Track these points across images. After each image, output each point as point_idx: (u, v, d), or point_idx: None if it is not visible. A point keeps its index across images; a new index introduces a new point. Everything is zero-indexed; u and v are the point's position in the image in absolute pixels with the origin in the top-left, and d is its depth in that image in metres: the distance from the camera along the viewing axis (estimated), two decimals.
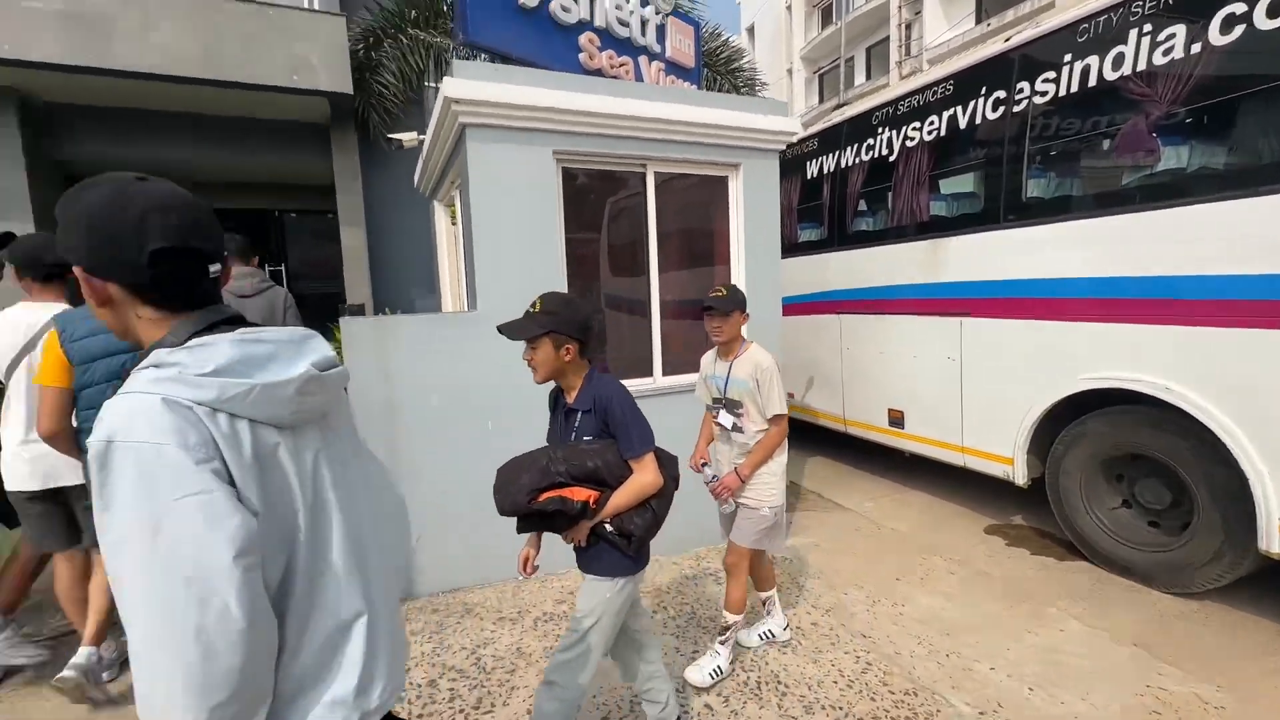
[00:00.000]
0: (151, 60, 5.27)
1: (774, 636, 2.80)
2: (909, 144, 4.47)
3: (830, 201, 5.33)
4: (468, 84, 3.00)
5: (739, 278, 3.85)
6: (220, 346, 0.85)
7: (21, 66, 5.09)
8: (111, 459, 0.75)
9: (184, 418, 0.78)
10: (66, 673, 2.35)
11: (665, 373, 3.75)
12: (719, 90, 8.58)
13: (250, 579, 0.78)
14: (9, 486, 2.43)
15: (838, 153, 5.23)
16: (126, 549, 0.75)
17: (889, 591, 3.27)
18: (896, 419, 4.68)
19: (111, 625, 2.48)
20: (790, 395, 5.74)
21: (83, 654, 2.41)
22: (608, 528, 1.76)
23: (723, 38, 9.18)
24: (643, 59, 4.46)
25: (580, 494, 1.72)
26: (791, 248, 5.60)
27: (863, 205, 5.05)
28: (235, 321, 0.95)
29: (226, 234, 3.14)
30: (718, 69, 8.65)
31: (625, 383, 3.59)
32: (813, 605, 3.13)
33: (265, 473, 0.85)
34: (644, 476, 1.76)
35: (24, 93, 5.58)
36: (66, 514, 2.51)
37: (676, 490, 1.87)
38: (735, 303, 2.47)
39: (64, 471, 2.39)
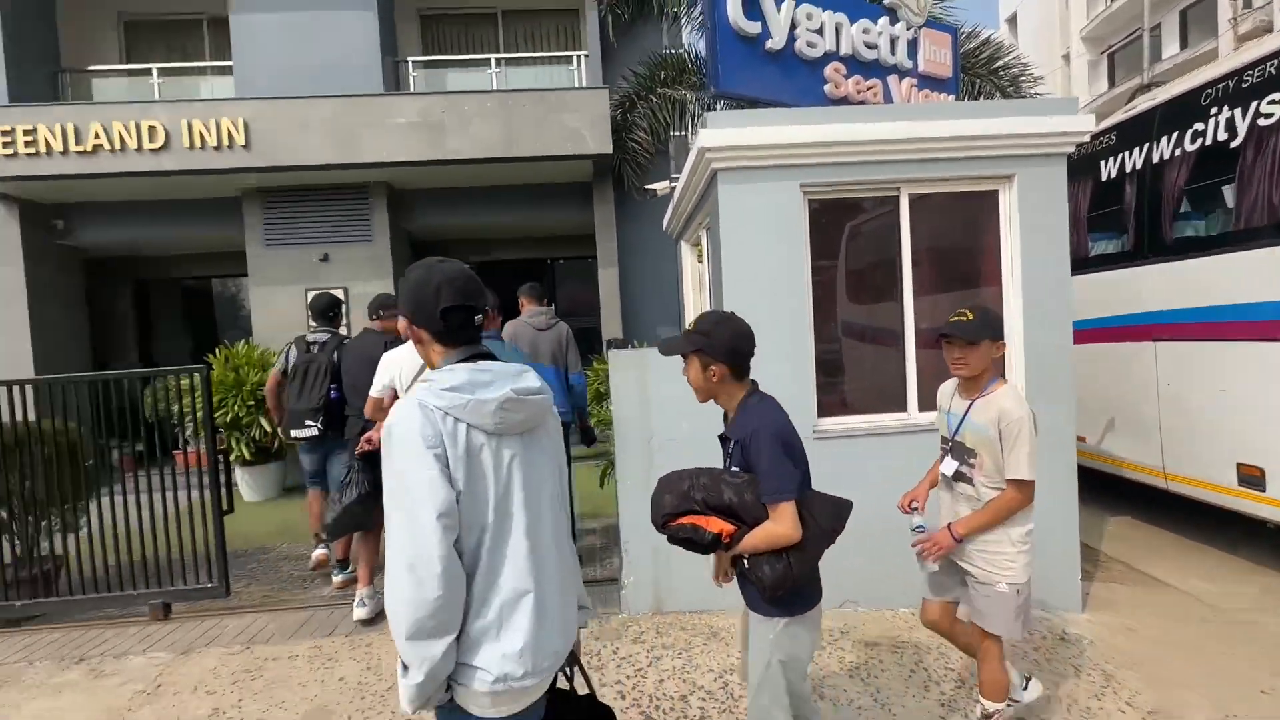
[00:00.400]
0: (470, 149, 6.72)
1: (1020, 700, 2.32)
2: (1264, 122, 3.49)
3: (1138, 204, 4.39)
4: (719, 133, 3.21)
5: (1013, 302, 3.38)
6: (459, 372, 1.22)
7: (391, 166, 6.91)
8: (389, 439, 1.16)
9: (427, 417, 1.15)
10: None
11: (921, 408, 3.45)
12: (981, 95, 7.74)
13: (446, 536, 1.11)
14: None
15: (1148, 145, 4.31)
16: (390, 501, 1.15)
17: (1249, 704, 2.49)
18: (1252, 477, 3.59)
19: None
20: (1081, 440, 4.79)
21: None
22: (745, 564, 1.66)
23: (981, 36, 8.29)
24: (892, 78, 4.28)
25: (714, 525, 1.64)
26: (1079, 263, 4.73)
27: (1188, 206, 4.06)
28: (485, 356, 1.31)
29: (529, 283, 3.80)
30: (977, 72, 7.82)
31: (874, 418, 3.48)
32: (1127, 702, 2.54)
33: (470, 463, 1.18)
34: (777, 527, 1.61)
35: (389, 184, 7.53)
36: None
37: (831, 544, 1.68)
38: (985, 328, 2.07)
39: None
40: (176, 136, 6.52)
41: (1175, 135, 4.07)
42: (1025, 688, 2.36)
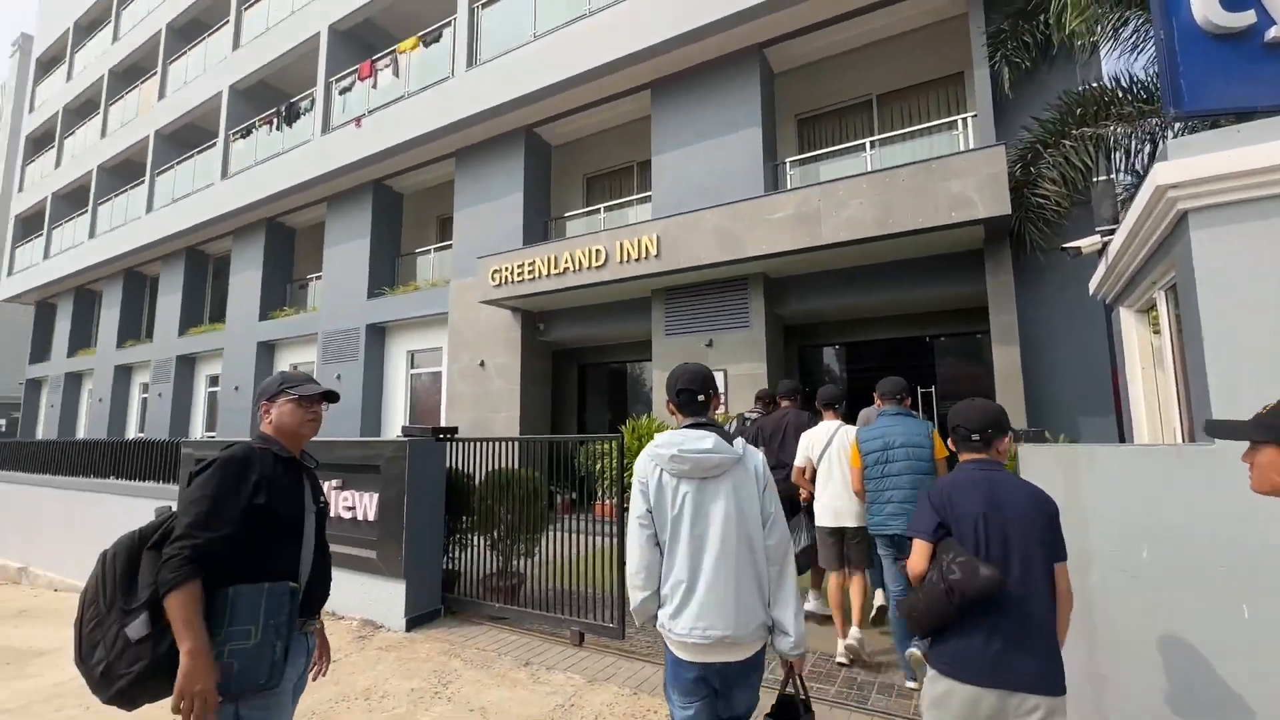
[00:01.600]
0: (842, 233, 6.78)
1: None
2: None
3: None
4: (1189, 163, 2.42)
5: None
6: (666, 434, 2.02)
7: (767, 258, 7.48)
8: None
9: (645, 460, 2.00)
10: (849, 641, 3.90)
11: None
12: None
13: (640, 531, 1.97)
14: (818, 523, 4.16)
15: None
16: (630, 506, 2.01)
17: None
18: None
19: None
20: None
21: (854, 633, 3.94)
22: None
23: None
24: None
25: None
26: None
27: None
28: (704, 425, 2.01)
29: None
30: None
31: None
32: None
33: (658, 492, 1.97)
34: (910, 558, 2.03)
35: (765, 274, 8.14)
36: (841, 545, 4.05)
37: (956, 603, 1.81)
38: (1261, 427, 1.47)
39: (846, 516, 3.94)
40: (612, 255, 8.45)
41: None
42: None
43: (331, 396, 2.08)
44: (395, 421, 12.40)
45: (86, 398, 20.45)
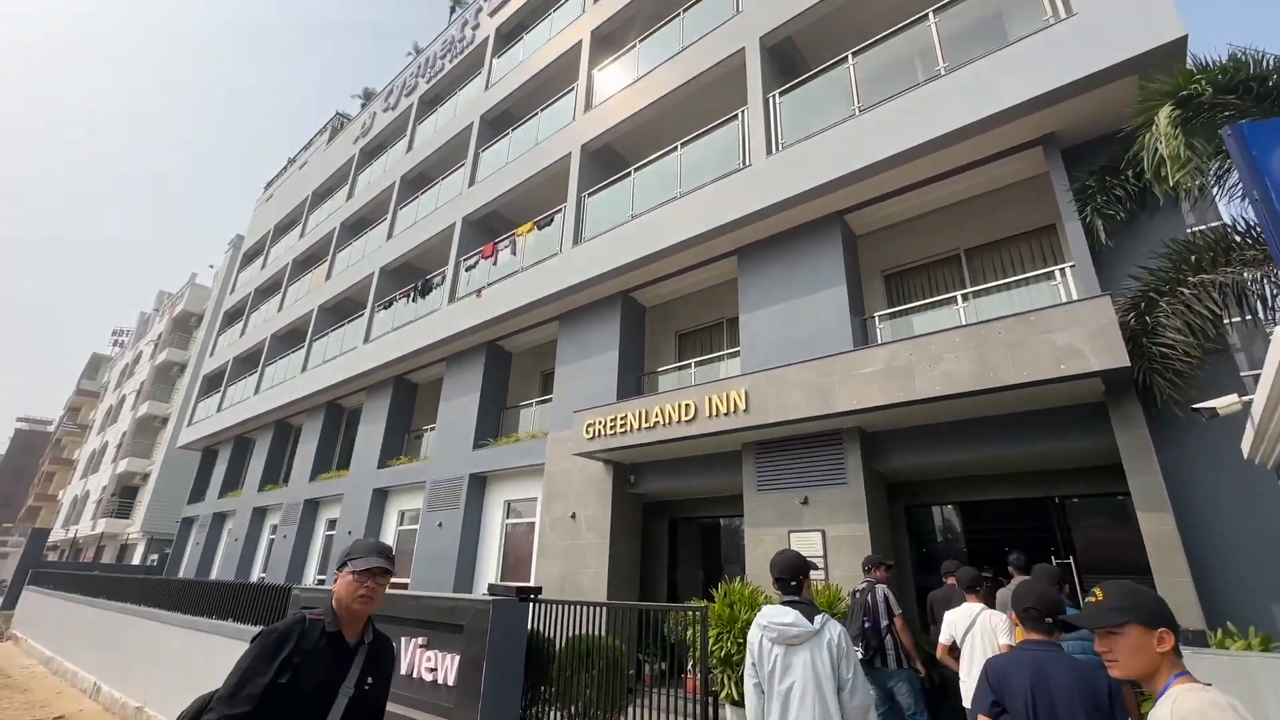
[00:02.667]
0: (938, 387, 6.52)
1: None
2: None
3: None
4: None
5: None
6: (767, 608, 2.90)
7: (860, 413, 7.26)
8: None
9: (754, 627, 2.89)
10: None
11: None
12: None
13: (748, 679, 2.87)
14: (965, 704, 4.15)
15: None
16: None
17: None
18: None
19: None
20: None
21: None
22: None
23: None
24: None
25: None
26: None
27: None
28: (794, 604, 2.78)
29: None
30: None
31: None
32: None
33: (759, 652, 2.82)
34: None
35: (860, 428, 7.84)
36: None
37: None
38: (1120, 611, 1.56)
39: None
40: (701, 409, 8.57)
41: None
42: None
43: (386, 570, 1.97)
44: (488, 570, 12.44)
45: (225, 536, 22.43)
